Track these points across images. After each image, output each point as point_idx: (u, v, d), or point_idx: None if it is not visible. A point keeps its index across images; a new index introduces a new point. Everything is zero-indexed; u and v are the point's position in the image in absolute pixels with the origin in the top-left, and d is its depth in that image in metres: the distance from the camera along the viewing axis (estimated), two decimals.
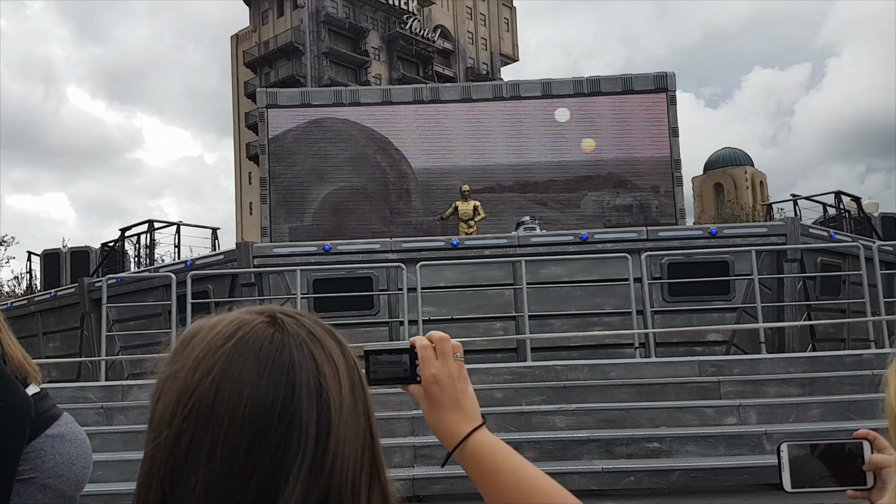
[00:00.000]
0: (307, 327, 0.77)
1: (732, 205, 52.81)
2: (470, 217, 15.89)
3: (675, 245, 12.11)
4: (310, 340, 0.76)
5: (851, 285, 12.45)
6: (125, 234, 17.98)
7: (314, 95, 19.51)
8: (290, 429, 0.70)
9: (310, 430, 0.70)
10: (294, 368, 0.73)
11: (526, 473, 0.95)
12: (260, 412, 0.70)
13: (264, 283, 12.23)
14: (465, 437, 0.98)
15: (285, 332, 0.76)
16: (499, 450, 0.98)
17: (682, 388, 9.01)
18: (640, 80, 18.75)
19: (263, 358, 0.73)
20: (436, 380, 1.00)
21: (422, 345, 1.02)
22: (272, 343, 0.74)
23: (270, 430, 0.70)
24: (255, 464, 0.69)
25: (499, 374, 9.50)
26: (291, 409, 0.71)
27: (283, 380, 0.72)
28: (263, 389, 0.71)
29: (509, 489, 0.94)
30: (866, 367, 9.04)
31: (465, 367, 1.04)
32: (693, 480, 7.42)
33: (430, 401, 1.00)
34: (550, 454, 7.92)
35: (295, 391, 0.71)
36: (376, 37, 62.68)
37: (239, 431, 0.70)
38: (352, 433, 0.73)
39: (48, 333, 15.58)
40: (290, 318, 0.78)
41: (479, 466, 0.97)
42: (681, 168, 18.66)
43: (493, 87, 19.80)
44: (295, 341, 0.75)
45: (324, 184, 18.60)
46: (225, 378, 0.72)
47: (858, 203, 19.78)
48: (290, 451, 0.70)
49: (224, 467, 0.69)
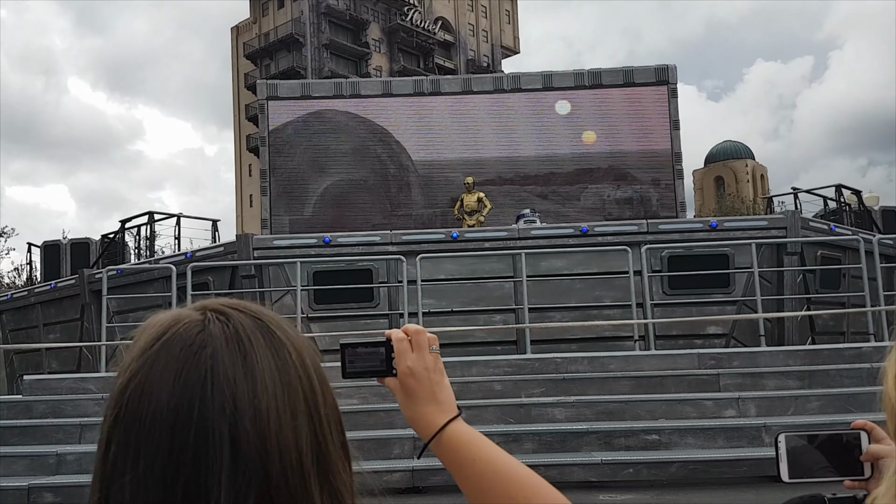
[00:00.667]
0: (236, 326, 0.73)
1: (733, 198, 52.78)
2: (474, 209, 15.90)
3: (675, 238, 12.11)
4: (232, 341, 0.72)
5: (851, 279, 12.45)
6: (125, 225, 17.98)
7: (314, 87, 19.47)
8: (207, 435, 0.67)
9: (223, 436, 0.67)
10: (209, 372, 0.70)
11: (502, 462, 0.96)
12: (176, 418, 0.68)
13: (264, 275, 12.23)
14: (441, 428, 0.99)
15: (207, 332, 0.72)
16: (475, 440, 0.98)
17: (682, 381, 9.02)
18: (642, 73, 18.70)
19: (182, 360, 0.71)
20: (412, 372, 1.00)
21: (397, 338, 1.02)
22: (192, 345, 0.71)
23: (188, 437, 0.67)
24: (176, 471, 0.67)
25: (499, 366, 9.52)
26: (207, 415, 0.68)
27: (198, 384, 0.69)
28: (178, 394, 0.69)
29: (485, 478, 0.95)
30: (865, 361, 9.05)
31: (441, 359, 1.04)
32: (692, 472, 7.44)
33: (406, 393, 1.01)
34: (550, 446, 7.93)
35: (208, 396, 0.68)
36: (377, 28, 62.52)
37: (158, 438, 0.68)
38: (288, 436, 0.70)
39: (48, 325, 15.59)
40: (221, 315, 0.74)
41: (455, 457, 0.97)
42: (681, 161, 18.63)
43: (494, 79, 19.74)
44: (215, 342, 0.71)
45: (324, 176, 18.58)
46: (147, 382, 0.70)
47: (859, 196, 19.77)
48: (210, 457, 0.67)
49: (146, 475, 0.67)
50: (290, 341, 0.75)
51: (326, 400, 0.75)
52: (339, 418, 0.77)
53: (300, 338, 0.78)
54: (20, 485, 7.44)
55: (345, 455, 0.76)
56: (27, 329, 16.29)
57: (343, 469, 0.75)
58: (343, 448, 0.76)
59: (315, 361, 0.77)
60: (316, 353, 0.78)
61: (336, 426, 0.76)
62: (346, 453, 0.76)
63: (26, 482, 7.48)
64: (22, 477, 7.69)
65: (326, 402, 0.75)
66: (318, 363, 0.77)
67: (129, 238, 18.35)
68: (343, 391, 8.86)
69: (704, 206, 60.31)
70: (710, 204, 59.71)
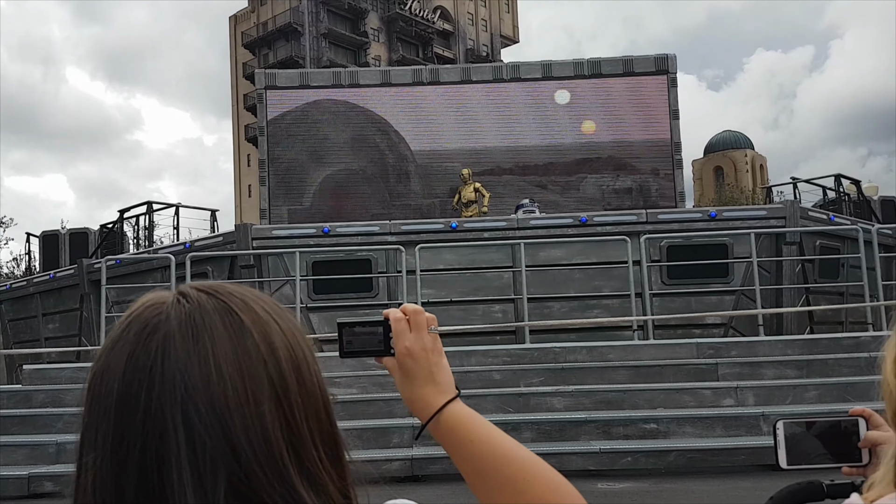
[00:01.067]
0: (192, 309, 0.71)
1: (732, 188, 52.73)
2: (472, 200, 15.92)
3: (674, 228, 12.11)
4: (185, 324, 0.70)
5: (850, 268, 12.46)
6: (124, 215, 17.96)
7: (313, 77, 19.41)
8: (156, 420, 0.67)
9: (176, 421, 0.66)
10: (158, 355, 0.68)
11: (501, 443, 0.95)
12: (125, 402, 0.68)
13: (263, 266, 12.23)
14: (440, 409, 0.98)
15: (164, 315, 0.71)
16: (473, 421, 0.97)
17: (680, 370, 9.04)
18: (641, 62, 18.65)
19: (134, 343, 0.70)
20: (409, 353, 0.99)
21: (395, 317, 1.00)
22: (146, 327, 0.71)
23: (135, 421, 0.67)
24: (126, 454, 0.67)
25: (498, 355, 9.53)
26: (155, 399, 0.67)
27: (146, 367, 0.68)
28: (128, 378, 0.68)
29: (484, 459, 0.94)
30: (863, 350, 9.07)
31: (440, 339, 1.03)
32: (690, 461, 7.47)
33: (403, 374, 1.00)
34: (548, 435, 7.96)
35: (156, 380, 0.67)
36: (375, 18, 62.27)
37: (110, 421, 0.68)
38: (253, 422, 0.68)
39: (47, 315, 15.60)
40: (184, 297, 0.73)
41: (453, 438, 0.96)
42: (681, 151, 18.61)
43: (493, 68, 19.69)
44: (168, 325, 0.70)
45: (323, 166, 18.56)
46: (105, 365, 0.71)
47: (858, 186, 19.75)
48: (164, 442, 0.66)
49: (103, 458, 0.68)
50: (256, 325, 0.72)
51: (303, 387, 0.73)
52: (320, 406, 0.74)
53: (275, 323, 0.74)
54: (20, 474, 7.47)
55: (330, 443, 0.73)
56: (26, 319, 16.30)
57: (326, 457, 0.72)
58: (327, 436, 0.73)
59: (291, 347, 0.74)
60: (296, 340, 0.75)
61: (315, 413, 0.73)
62: (332, 441, 0.74)
63: (26, 471, 7.50)
64: (22, 466, 7.71)
65: (303, 390, 0.72)
66: (295, 349, 0.74)
67: (127, 228, 18.33)
68: (342, 381, 8.87)
69: (704, 195, 60.28)
70: (709, 194, 59.67)
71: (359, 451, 0.79)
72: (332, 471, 0.72)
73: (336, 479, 0.72)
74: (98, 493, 0.68)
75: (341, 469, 0.74)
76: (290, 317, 0.78)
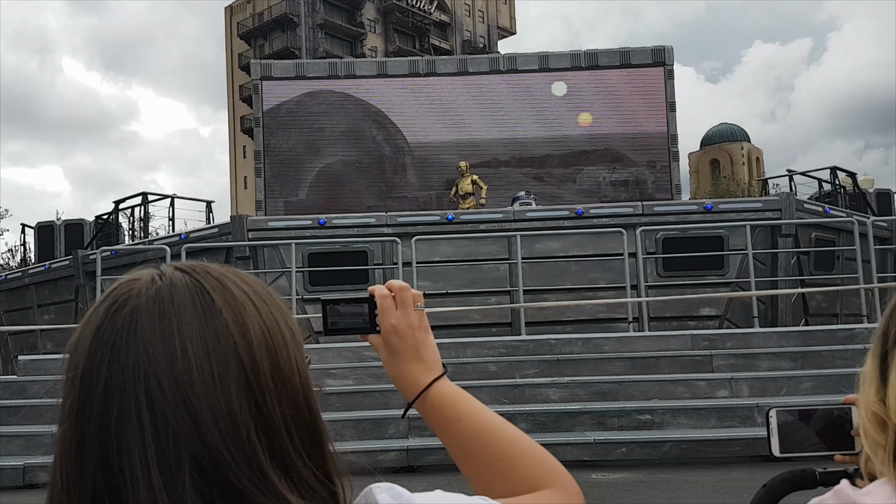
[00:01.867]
0: (162, 286, 0.70)
1: (728, 180, 52.78)
2: (469, 192, 15.92)
3: (669, 220, 12.12)
4: (153, 301, 0.69)
5: (845, 261, 12.50)
6: (119, 206, 17.92)
7: (309, 67, 19.33)
8: (115, 394, 0.66)
9: (138, 397, 0.65)
10: (122, 331, 0.68)
11: (489, 421, 0.94)
12: (89, 376, 0.67)
13: (259, 257, 12.22)
14: (427, 386, 0.96)
15: (134, 291, 0.70)
16: (460, 399, 0.96)
17: (675, 362, 9.07)
18: (638, 54, 18.62)
19: (102, 319, 0.69)
20: (395, 330, 0.97)
21: (381, 294, 0.98)
22: (115, 303, 0.70)
23: (94, 394, 0.66)
24: (88, 428, 0.66)
25: (493, 347, 9.55)
26: (116, 375, 0.66)
27: (109, 343, 0.68)
28: (93, 352, 0.68)
29: (471, 437, 0.93)
30: (858, 342, 9.11)
31: (426, 316, 1.01)
32: (684, 452, 7.50)
33: (389, 351, 0.98)
34: (543, 426, 7.99)
35: (119, 355, 0.67)
36: (372, 8, 62.02)
37: (74, 394, 0.68)
38: (220, 403, 0.66)
39: (43, 306, 15.58)
40: (160, 275, 0.72)
41: (440, 416, 0.95)
42: (677, 143, 18.60)
43: (490, 60, 19.63)
44: (136, 302, 0.69)
45: (319, 157, 18.51)
46: (79, 338, 0.70)
47: (854, 179, 19.80)
48: (122, 416, 0.65)
49: (66, 431, 0.68)
50: (228, 306, 0.70)
51: (278, 373, 0.70)
52: (298, 393, 0.71)
53: (251, 305, 0.72)
54: (16, 464, 7.48)
55: (308, 431, 0.71)
56: (21, 310, 16.27)
57: (302, 445, 0.70)
58: (305, 424, 0.71)
59: (267, 331, 0.71)
60: (275, 325, 0.73)
61: (291, 400, 0.70)
62: (310, 429, 0.71)
63: (22, 461, 7.51)
64: (17, 456, 7.72)
65: (277, 375, 0.70)
66: (272, 333, 0.71)
67: (123, 219, 18.30)
68: (338, 372, 8.89)
69: (700, 188, 60.32)
70: (705, 186, 59.72)
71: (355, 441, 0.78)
72: (307, 459, 0.70)
73: (313, 467, 0.70)
74: (62, 466, 0.67)
75: (321, 458, 0.72)
76: (275, 301, 0.75)
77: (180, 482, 0.64)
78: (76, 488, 0.66)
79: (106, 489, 0.65)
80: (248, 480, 0.65)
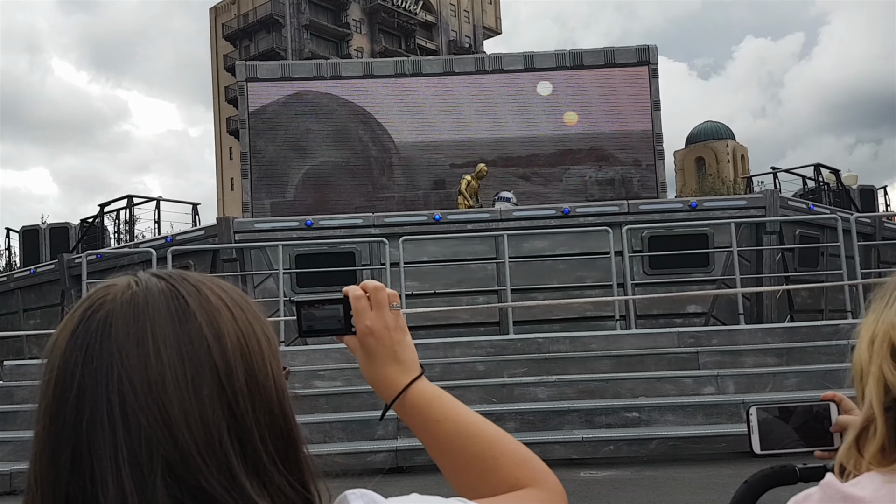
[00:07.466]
0: (137, 291, 0.71)
1: (713, 178, 53.07)
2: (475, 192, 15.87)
3: (655, 218, 12.18)
4: (128, 305, 0.69)
5: (830, 257, 12.61)
6: (104, 209, 17.79)
7: (294, 69, 19.27)
8: (90, 397, 0.66)
9: (111, 400, 0.66)
10: (96, 335, 0.68)
11: (469, 421, 0.93)
12: (63, 379, 0.68)
13: (246, 259, 12.18)
14: (405, 388, 0.95)
15: (110, 296, 0.71)
16: (439, 399, 0.95)
17: (662, 359, 9.13)
18: (623, 53, 18.69)
19: (77, 322, 0.70)
20: (371, 331, 0.96)
21: (355, 295, 0.97)
22: (91, 307, 0.70)
23: (68, 396, 0.67)
24: (62, 430, 0.67)
25: (481, 346, 9.57)
26: (88, 378, 0.67)
27: (83, 346, 0.68)
28: (67, 355, 0.69)
29: (451, 437, 0.92)
30: (843, 337, 9.20)
31: (403, 316, 0.99)
32: (671, 449, 7.55)
33: (365, 353, 0.97)
34: (532, 425, 8.02)
35: (93, 358, 0.67)
36: (357, 9, 61.88)
37: (50, 396, 0.69)
38: (192, 407, 0.66)
39: (28, 310, 15.45)
40: (136, 280, 0.72)
41: (419, 417, 0.94)
42: (662, 141, 18.69)
43: (476, 60, 19.65)
44: (111, 306, 0.69)
45: (305, 158, 18.45)
46: (55, 341, 0.71)
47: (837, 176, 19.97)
48: (94, 418, 0.65)
49: (41, 432, 0.68)
50: (202, 311, 0.70)
51: (252, 378, 0.70)
52: (272, 399, 0.71)
53: (227, 310, 0.72)
54: (2, 470, 7.42)
55: (282, 437, 0.71)
56: (7, 315, 16.14)
57: (275, 451, 0.70)
58: (279, 430, 0.71)
59: (242, 337, 0.71)
60: (251, 330, 0.73)
61: (266, 406, 0.70)
62: (284, 435, 0.71)
63: (9, 468, 7.46)
64: (4, 462, 7.66)
65: (251, 380, 0.70)
66: (247, 339, 0.72)
67: (108, 222, 18.18)
68: (326, 373, 8.88)
69: (686, 186, 60.62)
70: (690, 184, 60.04)
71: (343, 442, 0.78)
72: (280, 464, 0.70)
73: (287, 473, 0.70)
74: (37, 468, 0.68)
75: (296, 464, 0.71)
76: (252, 308, 0.75)
77: (151, 484, 0.64)
78: (50, 490, 0.67)
79: (78, 490, 0.65)
80: (218, 484, 0.65)
